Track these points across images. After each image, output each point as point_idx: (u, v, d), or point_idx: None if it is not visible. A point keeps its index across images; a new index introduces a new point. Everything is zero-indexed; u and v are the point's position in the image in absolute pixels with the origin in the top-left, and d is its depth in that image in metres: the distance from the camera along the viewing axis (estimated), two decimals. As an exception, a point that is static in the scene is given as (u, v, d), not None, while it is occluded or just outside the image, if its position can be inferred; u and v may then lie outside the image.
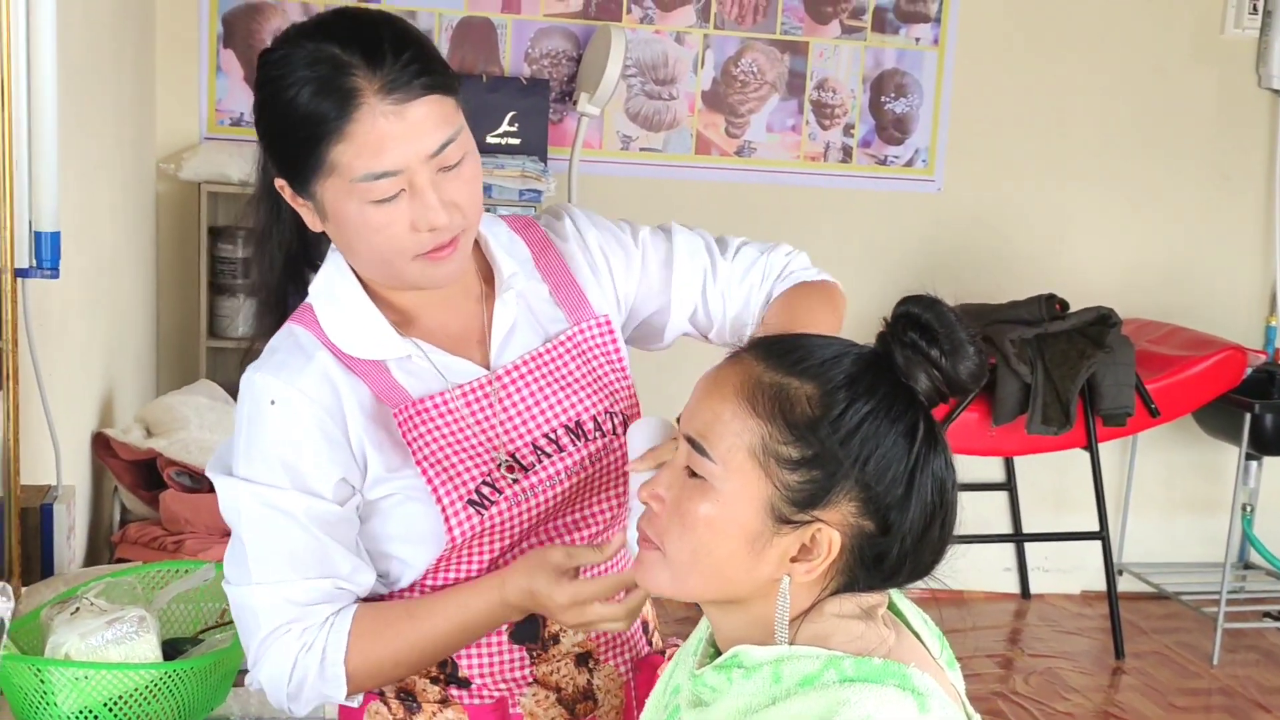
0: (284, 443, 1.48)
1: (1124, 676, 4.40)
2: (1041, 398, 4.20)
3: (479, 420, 1.55)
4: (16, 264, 2.01)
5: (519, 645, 1.60)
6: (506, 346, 1.59)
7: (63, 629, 1.66)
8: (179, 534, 2.84)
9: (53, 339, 2.55)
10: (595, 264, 1.69)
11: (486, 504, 1.52)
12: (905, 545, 1.25)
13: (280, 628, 1.48)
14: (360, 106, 1.41)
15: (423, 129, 1.43)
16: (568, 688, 1.63)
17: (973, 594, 5.01)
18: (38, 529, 2.12)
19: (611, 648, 1.66)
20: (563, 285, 1.65)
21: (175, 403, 3.14)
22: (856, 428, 1.22)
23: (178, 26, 4.22)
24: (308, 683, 1.49)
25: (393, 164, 1.42)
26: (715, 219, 4.58)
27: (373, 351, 1.53)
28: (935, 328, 1.25)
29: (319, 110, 1.42)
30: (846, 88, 4.68)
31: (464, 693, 1.60)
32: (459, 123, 1.47)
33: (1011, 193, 4.85)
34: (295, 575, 1.48)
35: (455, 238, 1.48)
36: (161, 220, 4.23)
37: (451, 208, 1.46)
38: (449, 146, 1.45)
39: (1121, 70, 4.85)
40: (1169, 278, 4.98)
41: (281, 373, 1.50)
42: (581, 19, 4.46)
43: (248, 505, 1.49)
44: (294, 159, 1.47)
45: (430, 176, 1.44)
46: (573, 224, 1.70)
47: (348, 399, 1.51)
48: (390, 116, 1.41)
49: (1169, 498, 5.12)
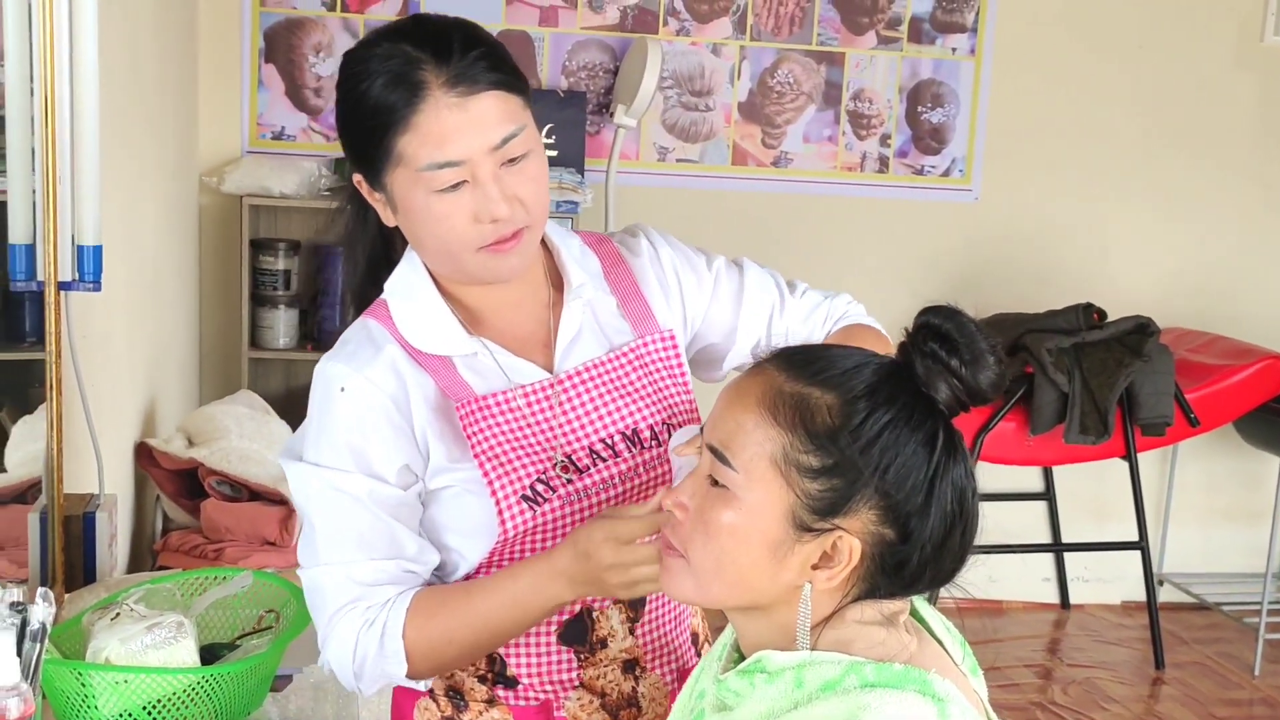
0: (352, 429, 1.54)
1: (1164, 687, 4.38)
2: (1079, 407, 4.19)
3: (538, 421, 1.59)
4: (60, 277, 2.06)
5: (567, 646, 1.62)
6: (570, 352, 1.64)
7: (103, 634, 1.70)
8: (219, 542, 2.88)
9: (96, 350, 2.60)
10: (666, 282, 1.74)
11: (540, 500, 1.56)
12: (925, 553, 1.27)
13: (345, 606, 1.53)
14: (426, 98, 1.47)
15: (486, 122, 1.48)
16: (612, 693, 1.65)
17: (1012, 604, 4.99)
18: (80, 537, 2.15)
19: (658, 657, 1.67)
20: (631, 299, 1.70)
21: (216, 412, 3.18)
22: (876, 437, 1.24)
23: (220, 43, 4.28)
24: (369, 660, 1.53)
25: (455, 154, 1.48)
26: (752, 230, 4.61)
27: (441, 347, 1.58)
28: (955, 338, 1.27)
29: (388, 102, 1.48)
30: (883, 98, 4.69)
31: (510, 693, 1.63)
32: (524, 120, 1.52)
33: (1049, 202, 4.84)
34: (361, 556, 1.53)
35: (518, 232, 1.53)
36: (204, 233, 4.29)
37: (514, 202, 1.51)
38: (512, 141, 1.50)
39: (1161, 78, 4.84)
40: (1209, 287, 4.96)
41: (352, 362, 1.56)
42: (618, 31, 4.49)
43: (316, 489, 1.54)
44: (366, 150, 1.53)
45: (493, 169, 1.49)
46: (648, 242, 1.75)
47: (414, 390, 1.56)
48: (454, 108, 1.47)
49: (1210, 507, 5.09)
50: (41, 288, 2.05)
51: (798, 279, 1.89)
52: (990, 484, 4.73)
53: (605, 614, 1.63)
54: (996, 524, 4.70)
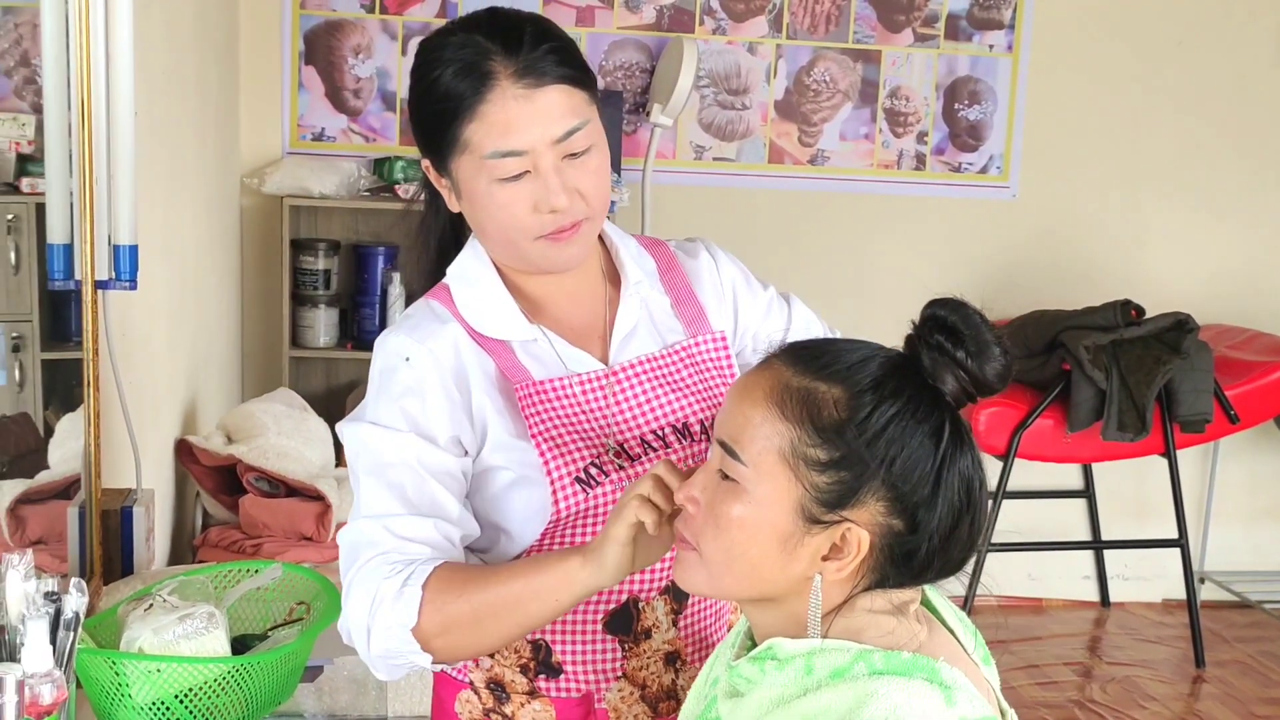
0: (410, 393, 1.57)
1: (1204, 685, 4.36)
2: (1117, 404, 4.17)
3: (593, 409, 1.62)
4: (97, 276, 2.10)
5: (613, 635, 1.64)
6: (625, 346, 1.67)
7: (137, 624, 1.74)
8: (257, 538, 2.92)
9: (136, 349, 2.65)
10: (722, 292, 1.77)
11: (593, 484, 1.58)
12: (934, 543, 1.28)
13: (378, 556, 1.51)
14: (494, 88, 1.51)
15: (550, 114, 1.52)
16: (653, 685, 1.66)
17: (1052, 602, 4.99)
18: (118, 531, 2.20)
19: (698, 650, 1.69)
20: (684, 300, 1.73)
21: (255, 410, 3.23)
22: (883, 429, 1.25)
23: (261, 45, 4.34)
24: (384, 607, 1.48)
25: (519, 144, 1.52)
26: (789, 228, 4.62)
27: (501, 331, 1.62)
28: (961, 330, 1.28)
29: (457, 90, 1.53)
30: (920, 95, 4.69)
31: (552, 684, 1.64)
32: (588, 115, 1.55)
33: (1088, 199, 4.83)
34: (403, 509, 1.53)
35: (577, 223, 1.57)
36: (245, 233, 4.34)
37: (573, 194, 1.55)
38: (575, 134, 1.53)
39: (1200, 75, 4.81)
40: (1249, 284, 4.93)
41: (415, 334, 1.60)
42: (654, 31, 4.51)
43: (367, 445, 1.56)
44: (435, 136, 1.57)
45: (554, 161, 1.53)
46: (708, 253, 1.79)
47: (474, 368, 1.60)
48: (520, 99, 1.51)
49: (1253, 505, 5.06)
50: (79, 287, 2.09)
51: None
52: (1029, 481, 4.73)
53: (651, 604, 1.64)
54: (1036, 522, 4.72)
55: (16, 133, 2.07)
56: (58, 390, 2.29)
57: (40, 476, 2.23)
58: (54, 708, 1.42)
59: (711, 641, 1.71)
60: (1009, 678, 4.29)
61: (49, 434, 2.27)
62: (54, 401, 2.31)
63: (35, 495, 2.20)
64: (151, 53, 2.75)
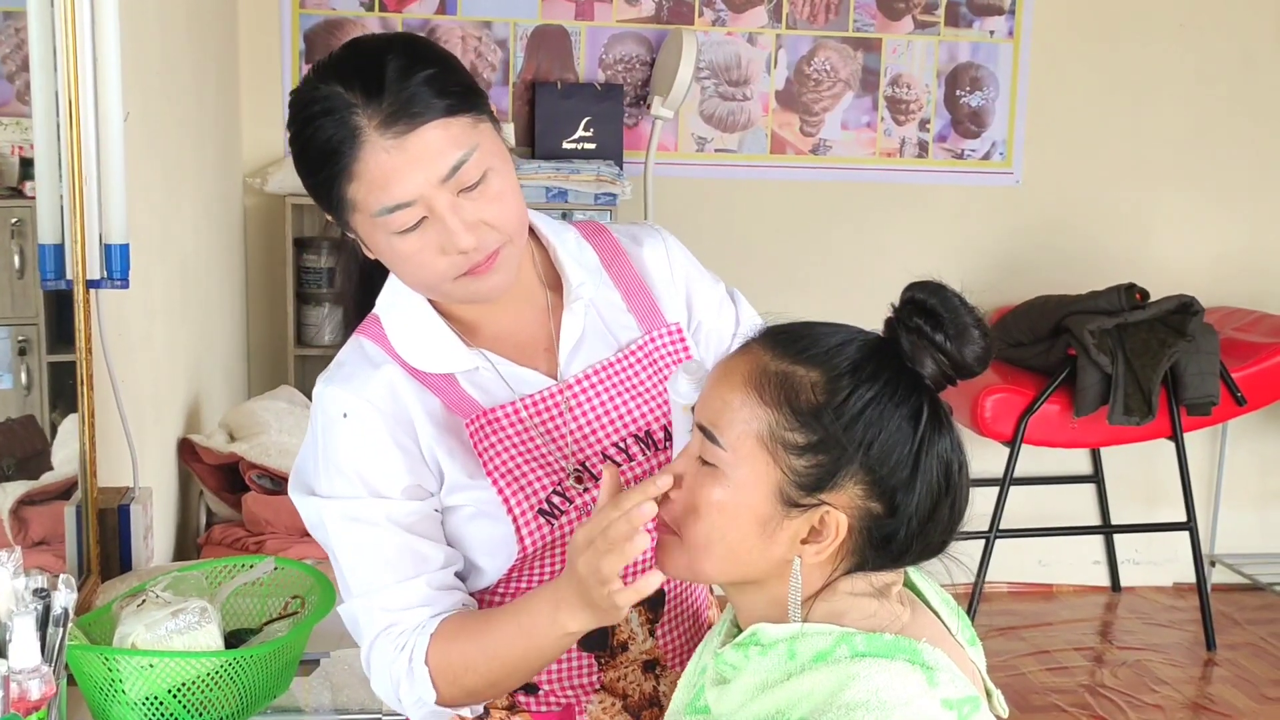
0: (357, 454, 1.51)
1: (1215, 668, 4.35)
2: (1123, 388, 4.16)
3: (548, 430, 1.56)
4: (88, 275, 2.10)
5: (588, 652, 1.61)
6: (575, 356, 1.61)
7: (130, 620, 1.74)
8: (260, 535, 2.94)
9: (135, 348, 2.65)
10: (674, 281, 1.69)
11: (557, 514, 1.53)
12: (913, 526, 1.28)
13: (380, 635, 1.50)
14: (362, 144, 1.42)
15: (427, 156, 1.42)
16: (634, 694, 1.63)
17: (1062, 587, 4.98)
18: (116, 529, 2.21)
19: (678, 655, 1.66)
20: (635, 292, 1.66)
21: (256, 408, 3.24)
22: (860, 413, 1.26)
23: (260, 45, 4.35)
24: (403, 686, 1.49)
25: (403, 195, 1.43)
26: (792, 218, 4.61)
27: (441, 365, 1.55)
28: (940, 312, 1.28)
29: (328, 150, 1.44)
30: (921, 83, 4.68)
31: (531, 699, 1.62)
32: (473, 142, 1.45)
33: (1091, 184, 4.82)
34: (389, 580, 1.50)
35: (494, 253, 1.48)
36: (249, 232, 4.36)
37: (480, 227, 1.46)
38: (463, 167, 1.44)
39: (1205, 57, 4.79)
40: (1255, 266, 4.91)
41: (349, 384, 1.53)
42: (654, 23, 4.51)
43: (332, 522, 1.52)
44: (322, 196, 1.49)
45: (449, 200, 1.44)
46: (661, 239, 1.70)
47: (415, 409, 1.53)
48: (392, 150, 1.41)
49: (1263, 488, 5.04)
50: (71, 286, 2.10)
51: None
52: (1038, 467, 4.72)
53: (625, 618, 1.56)
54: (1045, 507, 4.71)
55: (19, 137, 2.08)
56: (64, 392, 2.29)
57: (44, 478, 2.24)
58: (42, 703, 1.43)
59: (692, 644, 1.68)
60: (1020, 664, 4.28)
61: (55, 436, 2.28)
62: (60, 404, 2.32)
63: (38, 496, 2.21)
64: (144, 53, 2.76)
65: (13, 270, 2.12)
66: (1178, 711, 4.02)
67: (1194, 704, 4.08)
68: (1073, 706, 4.01)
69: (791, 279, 4.55)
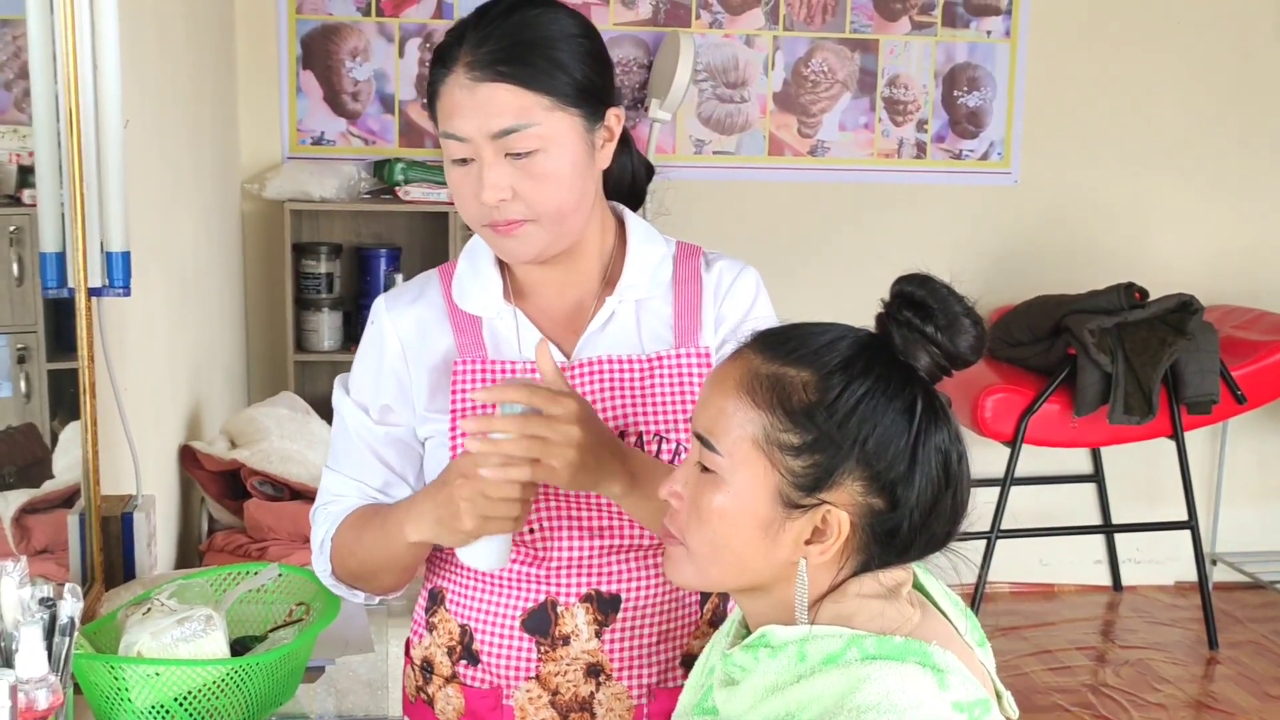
0: (360, 363, 1.72)
1: (1218, 667, 4.35)
2: (1123, 387, 4.16)
3: None
4: (90, 283, 2.10)
5: (529, 635, 1.65)
6: (592, 343, 1.65)
7: (135, 628, 1.73)
8: (263, 541, 2.93)
9: (136, 355, 2.65)
10: (729, 323, 1.70)
11: None
12: (915, 519, 1.28)
13: (319, 508, 1.73)
14: (450, 74, 1.56)
15: (488, 109, 1.53)
16: (566, 693, 1.66)
17: (1064, 587, 4.98)
18: (119, 537, 2.20)
19: (627, 668, 1.66)
20: (686, 313, 1.69)
21: (257, 414, 3.23)
22: (853, 409, 1.25)
23: (258, 51, 4.34)
24: (316, 555, 1.72)
25: (459, 130, 1.55)
26: (791, 220, 4.61)
27: (477, 306, 1.67)
28: (929, 304, 1.27)
29: (435, 64, 1.60)
30: (918, 83, 4.68)
31: (471, 670, 1.68)
32: (535, 120, 1.54)
33: (1090, 182, 4.82)
34: (341, 468, 1.71)
35: (516, 222, 1.57)
36: (248, 239, 4.35)
37: (509, 192, 1.55)
38: (514, 134, 1.53)
39: (1202, 53, 4.80)
40: (1254, 264, 4.91)
41: (390, 301, 1.72)
42: (650, 26, 4.51)
43: (336, 403, 1.73)
44: (430, 103, 1.63)
45: (494, 155, 1.54)
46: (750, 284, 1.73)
47: (429, 344, 1.67)
48: (464, 89, 1.54)
49: (1264, 486, 5.04)
50: (72, 294, 2.09)
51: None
52: (1038, 467, 4.72)
53: (570, 610, 1.64)
54: (1046, 507, 4.70)
55: (17, 145, 2.07)
56: (64, 400, 2.29)
57: (45, 486, 2.24)
58: (49, 712, 1.42)
59: (649, 662, 1.67)
60: (1022, 664, 4.28)
61: (55, 444, 2.28)
62: (60, 411, 2.32)
63: (40, 504, 2.20)
64: (143, 60, 2.76)
65: (12, 278, 2.12)
66: (1180, 710, 4.03)
67: (1197, 702, 4.08)
68: (1076, 706, 4.01)
69: (791, 280, 4.55)
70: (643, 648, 1.67)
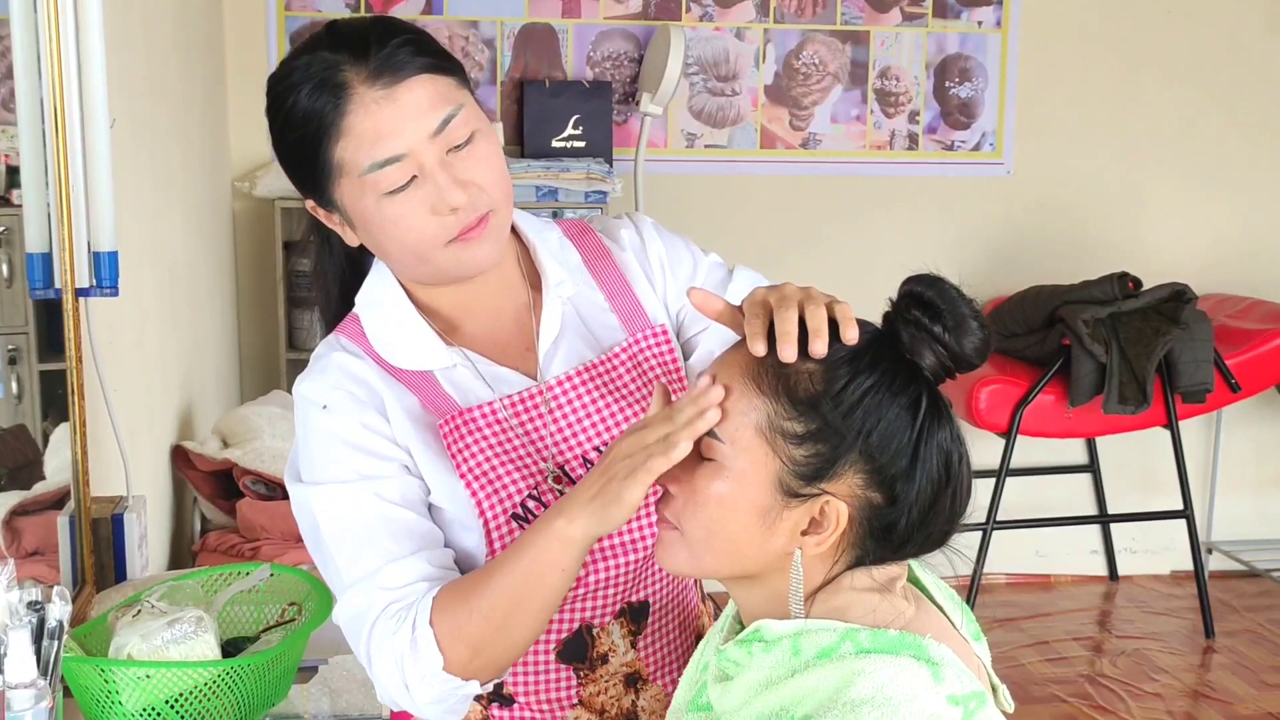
0: (339, 440, 1.48)
1: (1214, 656, 4.35)
2: (1117, 377, 4.16)
3: (527, 432, 1.53)
4: (77, 284, 2.09)
5: (566, 664, 1.57)
6: (555, 356, 1.57)
7: (125, 631, 1.73)
8: (256, 541, 2.92)
9: (126, 355, 2.64)
10: (652, 275, 1.65)
11: (532, 518, 1.49)
12: (913, 516, 1.27)
13: (379, 617, 1.42)
14: (351, 98, 1.41)
15: (418, 108, 1.42)
16: (612, 709, 1.59)
17: (1060, 578, 4.98)
18: (110, 538, 2.19)
19: (661, 668, 1.62)
20: (618, 294, 1.63)
21: (249, 413, 3.22)
22: (859, 401, 1.25)
23: (246, 48, 4.32)
24: (407, 662, 1.40)
25: (394, 149, 1.42)
26: (783, 213, 4.60)
27: (419, 362, 1.52)
28: (938, 305, 1.27)
29: (314, 110, 1.43)
30: (910, 75, 4.67)
31: (506, 712, 1.58)
32: (461, 100, 1.45)
33: (1084, 173, 4.81)
34: (385, 561, 1.44)
35: (484, 217, 1.46)
36: (239, 237, 4.34)
37: (469, 186, 1.44)
38: (451, 122, 1.44)
39: (1192, 44, 4.79)
40: (1247, 253, 4.91)
41: (325, 376, 1.50)
42: (641, 20, 4.49)
43: (321, 509, 1.47)
44: (307, 167, 1.48)
45: (438, 157, 1.43)
46: (636, 233, 1.67)
47: (392, 404, 1.50)
48: (381, 101, 1.41)
49: (1259, 474, 5.04)
50: (60, 295, 2.08)
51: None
52: (1033, 458, 4.71)
53: (606, 629, 1.57)
54: (1042, 498, 4.69)
55: (4, 145, 2.06)
56: (55, 401, 2.28)
57: (36, 488, 2.22)
58: (38, 717, 1.41)
59: (676, 656, 1.64)
60: (1019, 655, 4.28)
61: (47, 445, 2.27)
62: (51, 412, 2.31)
63: (31, 506, 2.19)
64: (130, 58, 2.74)
65: (1, 279, 2.11)
66: (1177, 699, 4.02)
67: (1194, 691, 4.08)
68: (1073, 697, 4.01)
69: (784, 273, 4.46)
70: (672, 644, 1.64)
